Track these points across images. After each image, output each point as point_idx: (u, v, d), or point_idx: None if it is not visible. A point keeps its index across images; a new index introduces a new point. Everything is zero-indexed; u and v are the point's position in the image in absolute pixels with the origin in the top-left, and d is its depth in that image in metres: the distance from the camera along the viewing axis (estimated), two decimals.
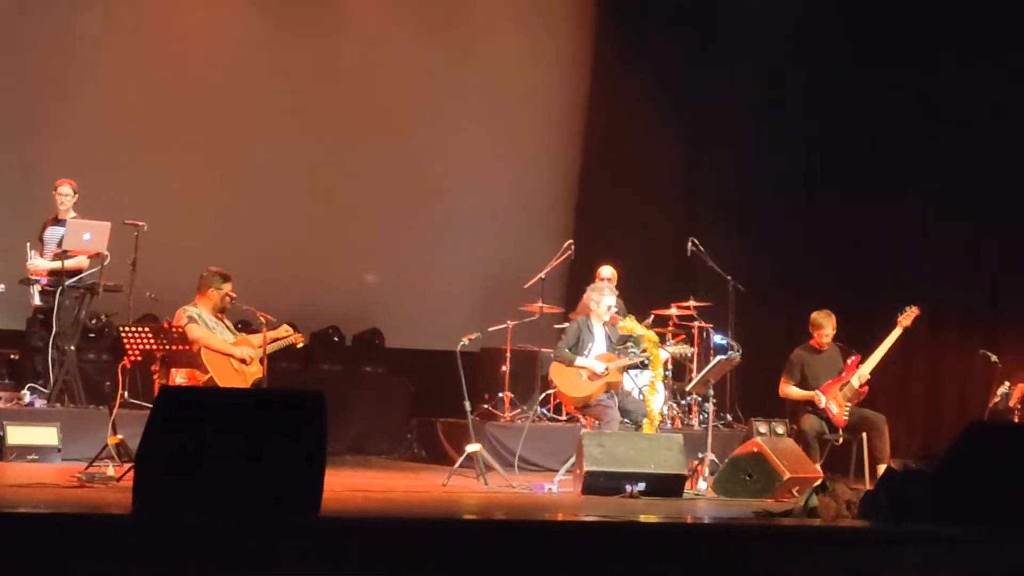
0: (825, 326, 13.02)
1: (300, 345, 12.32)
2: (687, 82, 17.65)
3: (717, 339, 14.88)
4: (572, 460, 11.80)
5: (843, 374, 12.83)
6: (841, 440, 12.83)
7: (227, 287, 11.78)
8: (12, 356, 13.97)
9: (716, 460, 12.44)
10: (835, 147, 16.30)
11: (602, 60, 17.93)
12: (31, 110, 15.24)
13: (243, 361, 11.56)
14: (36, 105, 15.26)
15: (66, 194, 13.33)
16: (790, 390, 12.99)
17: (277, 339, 11.83)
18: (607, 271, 14.60)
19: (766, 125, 16.70)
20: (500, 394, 14.68)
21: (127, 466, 10.18)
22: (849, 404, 12.72)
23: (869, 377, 12.82)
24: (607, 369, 12.43)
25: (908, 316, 12.96)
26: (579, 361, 12.46)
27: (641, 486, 11.11)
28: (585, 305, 12.92)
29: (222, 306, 11.81)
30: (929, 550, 7.82)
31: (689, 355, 14.40)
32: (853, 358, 12.90)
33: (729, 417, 15.33)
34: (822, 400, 12.68)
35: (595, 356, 12.54)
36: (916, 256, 15.86)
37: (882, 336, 13.74)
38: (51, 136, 15.20)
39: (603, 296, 12.80)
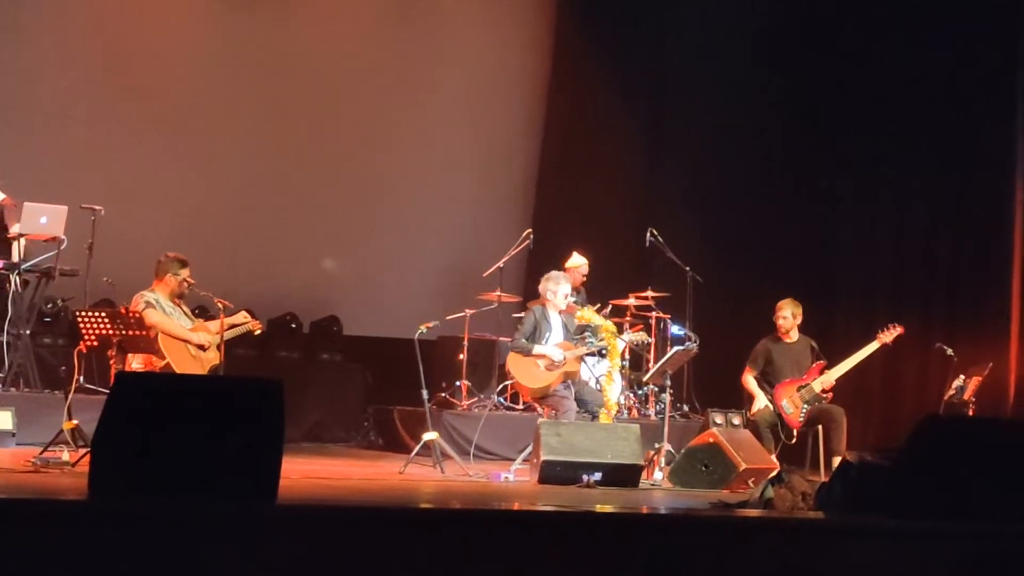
0: (783, 308, 13.06)
1: (258, 332, 12.29)
2: (647, 74, 17.69)
3: (674, 330, 14.93)
4: (529, 449, 11.82)
5: (805, 375, 12.88)
6: (794, 440, 12.86)
7: (184, 273, 11.75)
8: None
9: (672, 450, 12.47)
10: (794, 141, 16.35)
11: (563, 49, 17.92)
12: None
13: (200, 347, 11.54)
14: None
15: None
16: (748, 382, 13.03)
17: (234, 325, 11.81)
18: (576, 260, 14.65)
19: (726, 117, 16.73)
20: (457, 382, 14.67)
21: (82, 451, 10.13)
22: (807, 406, 12.76)
23: (834, 383, 12.87)
24: (565, 357, 12.44)
25: (889, 334, 13.01)
26: (537, 349, 12.47)
27: (597, 476, 11.13)
28: (542, 295, 12.92)
29: (180, 292, 11.77)
30: (884, 542, 7.85)
31: (647, 343, 14.42)
32: (819, 363, 12.94)
33: (686, 408, 15.38)
34: (768, 404, 12.79)
35: (553, 345, 12.56)
36: (874, 250, 15.91)
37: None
38: (6, 119, 15.09)
39: (559, 285, 12.81)
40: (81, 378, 11.32)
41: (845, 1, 16.05)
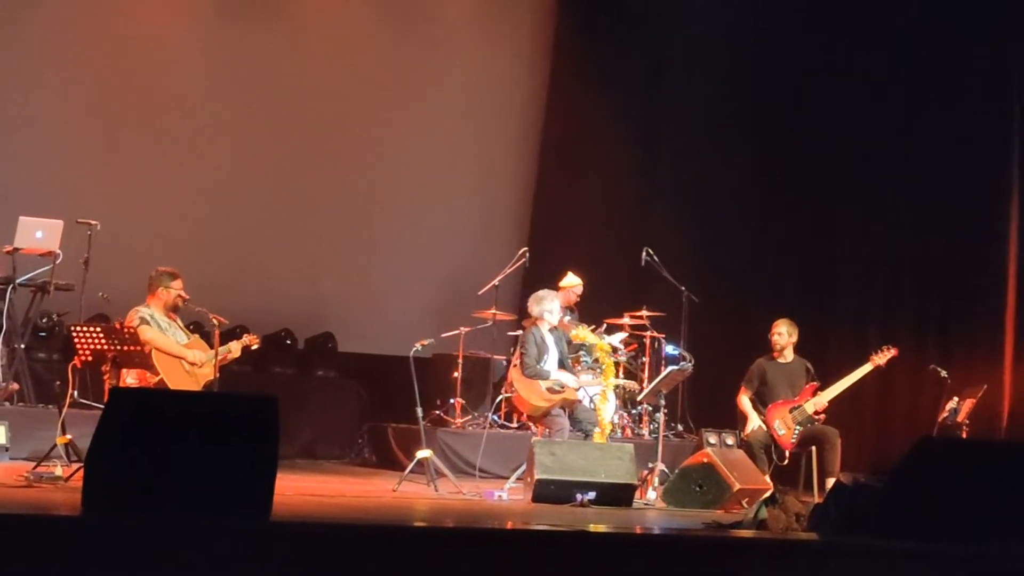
0: (778, 325, 13.07)
1: (255, 346, 12.30)
2: (644, 92, 17.72)
3: (669, 349, 14.92)
4: (523, 468, 11.81)
5: (798, 396, 12.86)
6: (787, 461, 12.84)
7: (176, 285, 11.77)
8: None
9: (666, 470, 12.47)
10: (791, 162, 16.34)
11: (560, 69, 17.93)
12: None
13: (193, 364, 11.54)
14: None
15: None
16: (743, 402, 13.02)
17: (230, 352, 11.87)
18: (571, 279, 14.66)
19: (723, 137, 16.75)
20: (452, 400, 14.66)
21: (76, 466, 10.13)
22: (799, 428, 12.74)
23: (827, 405, 12.85)
24: (579, 386, 12.59)
25: (883, 356, 12.99)
26: (554, 375, 12.52)
27: (591, 495, 11.13)
28: (536, 316, 12.91)
29: (174, 305, 11.80)
30: (878, 564, 7.85)
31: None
32: (812, 384, 12.93)
33: (680, 427, 15.38)
34: (762, 425, 12.78)
35: (555, 369, 12.62)
36: (869, 271, 15.92)
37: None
38: (2, 134, 15.07)
39: (553, 303, 12.89)
40: (75, 393, 11.30)
41: (844, 26, 16.05)
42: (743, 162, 16.63)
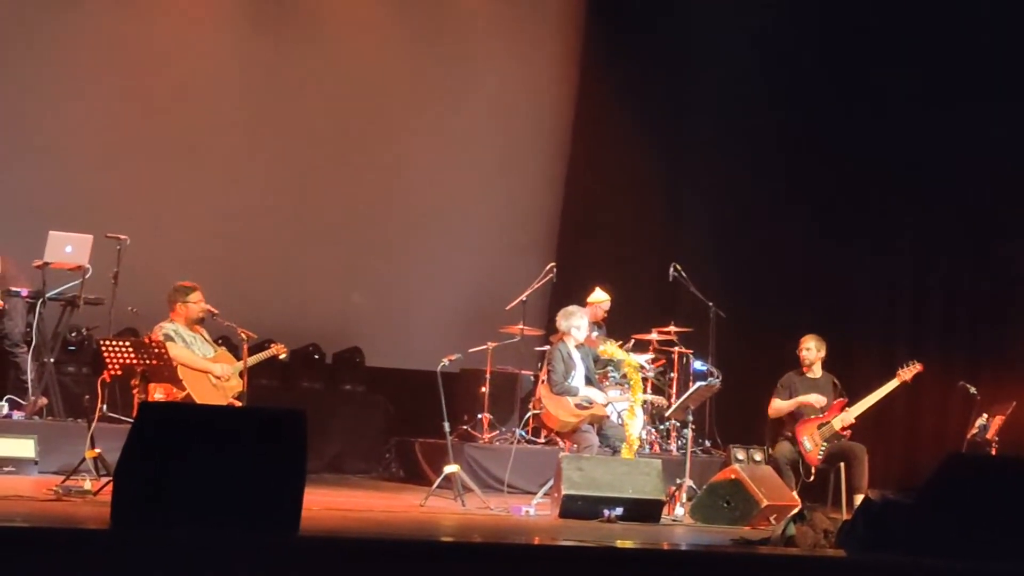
0: (806, 341, 13.07)
1: (283, 356, 12.34)
2: (672, 108, 17.68)
3: (697, 365, 14.89)
4: (550, 483, 11.81)
5: (826, 412, 12.84)
6: (812, 478, 12.81)
7: (193, 298, 11.84)
8: None
9: (694, 486, 12.44)
10: (819, 181, 16.29)
11: (588, 84, 17.92)
12: (12, 122, 15.16)
13: (220, 377, 11.58)
14: (17, 117, 15.19)
15: None
16: (780, 405, 12.96)
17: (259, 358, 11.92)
18: (598, 295, 14.65)
19: (750, 152, 16.72)
20: (479, 415, 14.66)
21: (104, 480, 10.16)
22: (826, 444, 12.72)
23: (854, 421, 12.82)
24: (607, 402, 12.59)
25: (909, 371, 12.97)
26: (583, 392, 12.51)
27: (619, 511, 11.12)
28: (564, 331, 12.90)
29: (197, 318, 11.85)
30: None
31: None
32: (840, 400, 12.90)
33: (707, 443, 15.34)
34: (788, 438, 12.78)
35: (583, 385, 12.61)
36: (896, 286, 15.88)
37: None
38: (33, 148, 15.14)
39: (583, 319, 12.88)
40: (104, 407, 11.33)
41: (871, 44, 16.01)
42: (770, 178, 16.59)
